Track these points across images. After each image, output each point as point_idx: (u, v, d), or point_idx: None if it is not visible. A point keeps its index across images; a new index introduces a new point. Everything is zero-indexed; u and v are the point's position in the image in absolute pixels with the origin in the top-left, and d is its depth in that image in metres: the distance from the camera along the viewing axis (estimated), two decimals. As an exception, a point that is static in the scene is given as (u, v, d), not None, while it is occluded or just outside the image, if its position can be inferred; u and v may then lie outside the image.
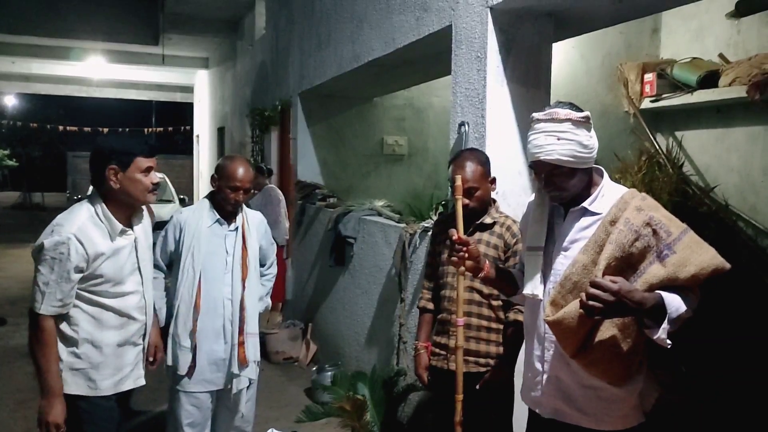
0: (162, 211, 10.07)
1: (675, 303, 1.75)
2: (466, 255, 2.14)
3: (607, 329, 1.84)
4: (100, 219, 2.40)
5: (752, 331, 4.45)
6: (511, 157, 3.18)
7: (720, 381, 4.07)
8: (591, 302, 1.69)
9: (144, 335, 2.61)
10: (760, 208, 5.34)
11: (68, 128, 21.58)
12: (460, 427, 2.38)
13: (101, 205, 2.42)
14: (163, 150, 19.91)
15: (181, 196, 13.02)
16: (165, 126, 19.96)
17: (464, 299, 2.67)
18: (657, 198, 5.18)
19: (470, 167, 2.67)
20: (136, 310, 2.53)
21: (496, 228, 2.73)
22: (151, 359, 2.78)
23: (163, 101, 19.23)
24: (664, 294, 1.76)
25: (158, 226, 7.54)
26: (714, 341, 4.16)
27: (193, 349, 2.98)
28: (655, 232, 1.83)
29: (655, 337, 1.74)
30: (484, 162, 2.74)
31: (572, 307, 1.81)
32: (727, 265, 1.82)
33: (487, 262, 2.21)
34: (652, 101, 6.01)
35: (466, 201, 2.65)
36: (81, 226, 2.35)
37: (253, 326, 3.09)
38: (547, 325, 1.93)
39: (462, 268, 2.20)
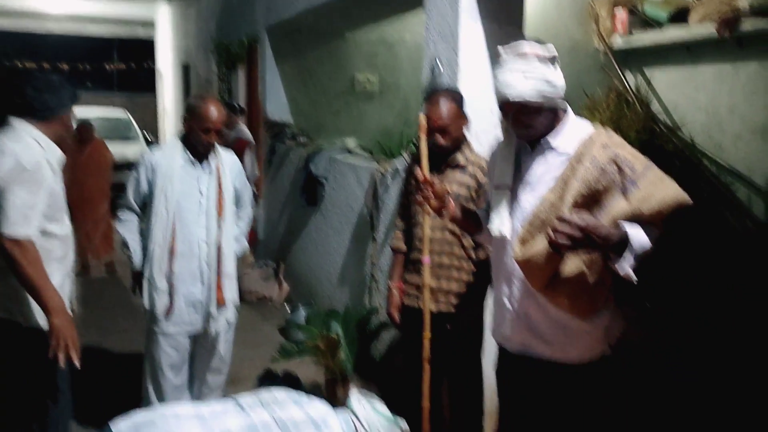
0: (127, 150, 9.83)
1: (639, 237, 1.79)
2: (432, 195, 2.15)
3: (574, 264, 1.89)
4: (41, 146, 2.36)
5: (714, 267, 4.59)
6: (484, 95, 3.16)
7: (683, 317, 4.22)
8: (558, 238, 1.72)
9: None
10: (725, 146, 5.43)
11: (26, 64, 20.69)
12: (429, 364, 2.44)
13: (41, 133, 2.39)
14: (126, 87, 19.29)
15: (147, 135, 12.70)
16: (127, 62, 19.26)
17: (437, 239, 2.69)
18: (625, 136, 5.21)
19: (444, 106, 2.65)
20: (71, 240, 2.53)
21: (469, 167, 2.73)
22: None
23: (125, 37, 18.53)
24: (629, 229, 1.80)
25: (125, 165, 7.43)
26: (678, 277, 4.29)
27: (170, 291, 2.97)
28: (620, 168, 1.86)
29: (620, 271, 1.78)
30: (458, 100, 2.72)
31: (540, 244, 1.85)
32: (689, 200, 1.86)
33: (452, 201, 2.21)
34: (622, 38, 5.98)
35: (441, 140, 2.64)
36: (35, 148, 2.32)
37: (230, 268, 3.09)
38: (514, 263, 1.96)
39: (427, 208, 2.21)
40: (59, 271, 2.42)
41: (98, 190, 6.48)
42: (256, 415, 1.88)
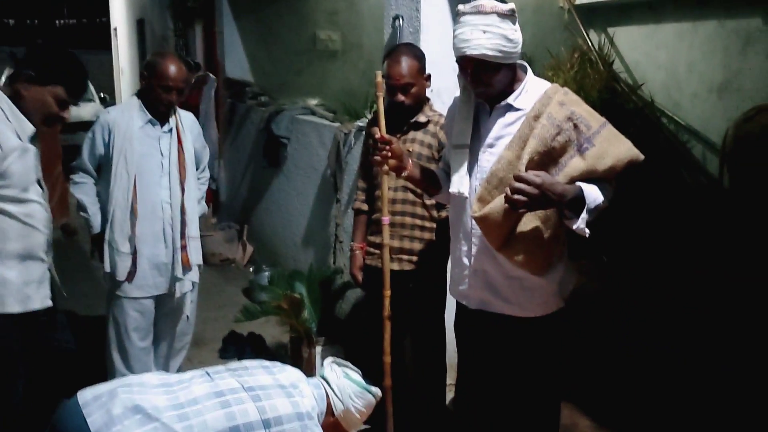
0: (82, 111, 9.53)
1: (593, 194, 1.83)
2: (389, 154, 2.14)
3: (530, 221, 1.92)
4: (8, 118, 2.21)
5: (670, 220, 4.70)
6: (446, 53, 3.09)
7: (639, 270, 4.33)
8: (515, 196, 1.74)
9: (47, 251, 2.38)
10: (683, 104, 5.51)
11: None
12: (389, 320, 2.47)
13: (9, 102, 2.21)
14: (79, 45, 18.58)
15: (102, 95, 12.30)
16: (78, 18, 18.52)
17: (398, 198, 2.70)
18: (587, 95, 5.27)
19: (405, 63, 2.62)
20: (41, 221, 2.33)
21: (430, 126, 2.72)
22: None
23: (75, -10, 17.84)
24: (583, 185, 1.83)
25: (80, 126, 7.21)
26: (635, 232, 4.39)
27: (133, 254, 2.92)
28: (576, 126, 1.89)
29: (574, 227, 1.83)
30: (419, 57, 2.69)
31: (498, 202, 1.87)
32: (641, 157, 1.91)
33: (411, 161, 2.21)
34: (586, -4, 5.96)
35: (403, 99, 2.62)
36: None
37: (194, 229, 3.06)
38: (473, 221, 1.98)
39: (385, 167, 2.20)
40: (15, 258, 2.23)
41: (50, 151, 6.29)
42: (223, 381, 1.88)
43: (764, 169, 3.96)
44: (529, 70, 2.07)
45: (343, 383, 2.01)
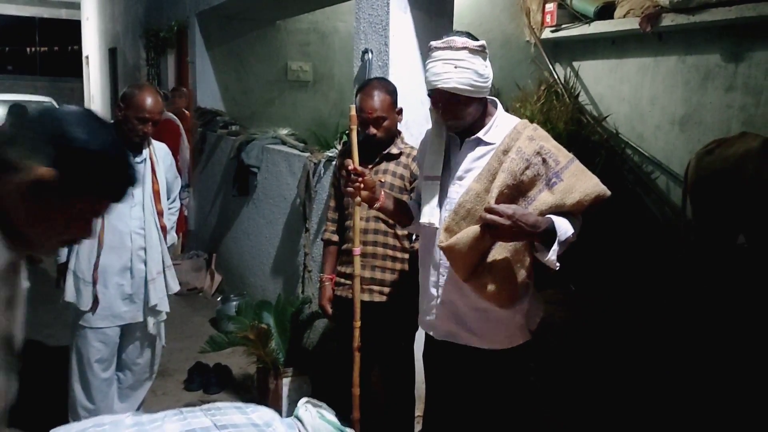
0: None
1: (564, 226, 1.86)
2: (362, 185, 2.15)
3: (499, 254, 1.94)
4: None
5: (636, 249, 4.79)
6: (414, 87, 3.17)
7: (605, 298, 4.39)
8: (488, 229, 1.76)
9: None
10: (646, 136, 5.67)
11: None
12: (358, 352, 2.45)
13: None
14: (50, 72, 18.39)
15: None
16: (50, 45, 18.37)
17: (370, 229, 2.70)
18: (553, 127, 5.38)
19: (378, 97, 2.64)
20: None
21: (402, 158, 2.74)
22: None
23: (47, 17, 17.69)
24: (554, 218, 1.86)
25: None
26: (601, 260, 4.45)
27: (96, 285, 2.88)
28: (544, 160, 1.92)
29: (545, 259, 1.85)
30: (392, 92, 2.72)
31: (464, 234, 1.89)
32: (608, 192, 1.95)
33: (383, 192, 2.23)
34: (552, 31, 6.13)
35: (375, 132, 2.64)
36: None
37: (168, 259, 3.06)
38: (441, 252, 1.99)
39: (358, 199, 2.21)
40: None
41: None
42: (195, 419, 1.84)
43: (725, 201, 4.07)
44: (500, 105, 2.11)
45: (318, 424, 1.97)
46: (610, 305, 4.28)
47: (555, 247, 1.83)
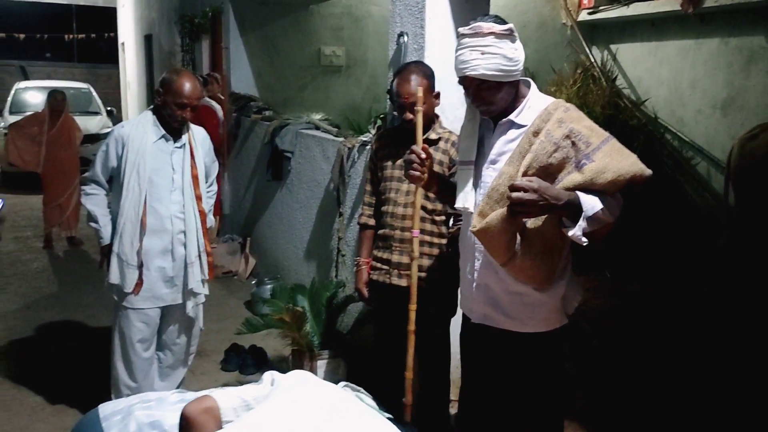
0: (89, 123, 9.58)
1: (590, 201, 1.83)
2: (426, 169, 2.17)
3: (534, 236, 1.92)
4: None
5: (675, 237, 4.69)
6: (451, 70, 3.08)
7: (641, 286, 4.32)
8: (514, 205, 1.78)
9: None
10: (686, 120, 5.53)
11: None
12: (414, 335, 2.43)
13: None
14: (87, 59, 18.70)
15: (109, 108, 12.40)
16: (87, 32, 18.65)
17: (408, 214, 2.70)
18: (589, 111, 5.27)
19: (416, 81, 2.62)
20: None
21: (441, 143, 2.72)
22: None
23: (84, 5, 17.96)
24: (580, 193, 1.83)
25: (86, 139, 7.23)
26: (639, 248, 4.38)
27: (140, 267, 2.94)
28: (574, 144, 1.89)
29: (570, 234, 1.83)
30: (429, 75, 2.70)
31: (494, 216, 1.88)
32: (648, 171, 1.89)
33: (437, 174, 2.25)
34: (589, 13, 6.01)
35: (411, 116, 2.62)
36: None
37: (205, 243, 3.11)
38: (474, 236, 1.99)
39: (422, 182, 2.22)
40: None
41: (71, 162, 6.62)
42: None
43: (768, 187, 3.95)
44: (533, 85, 2.09)
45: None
46: (646, 293, 4.21)
47: (581, 222, 1.81)
